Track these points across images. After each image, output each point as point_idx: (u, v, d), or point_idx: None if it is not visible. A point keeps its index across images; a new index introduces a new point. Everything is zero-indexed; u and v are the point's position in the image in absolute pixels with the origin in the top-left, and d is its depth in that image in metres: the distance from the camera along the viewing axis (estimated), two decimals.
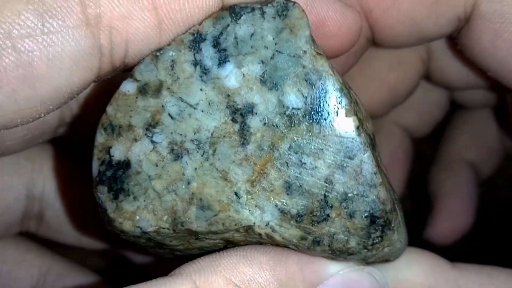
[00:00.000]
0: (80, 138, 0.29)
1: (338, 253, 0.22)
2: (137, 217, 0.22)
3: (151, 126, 0.22)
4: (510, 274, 0.25)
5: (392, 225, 0.22)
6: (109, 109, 0.22)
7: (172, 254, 0.25)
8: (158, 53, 0.22)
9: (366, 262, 0.23)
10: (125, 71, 0.23)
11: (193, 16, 0.22)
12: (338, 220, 0.21)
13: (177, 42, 0.22)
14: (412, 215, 0.36)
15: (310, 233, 0.22)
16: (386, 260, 0.24)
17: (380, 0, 0.28)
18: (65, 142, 0.29)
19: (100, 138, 0.22)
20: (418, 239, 0.29)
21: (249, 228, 0.22)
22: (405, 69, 0.35)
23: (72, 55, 0.20)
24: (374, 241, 0.22)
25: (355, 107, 0.22)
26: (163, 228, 0.22)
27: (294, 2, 0.22)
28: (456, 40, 0.30)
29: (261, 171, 0.22)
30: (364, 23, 0.29)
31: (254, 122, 0.22)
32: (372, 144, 0.23)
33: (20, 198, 0.29)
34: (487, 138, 0.40)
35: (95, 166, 0.22)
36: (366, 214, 0.21)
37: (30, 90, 0.19)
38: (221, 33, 0.22)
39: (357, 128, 0.21)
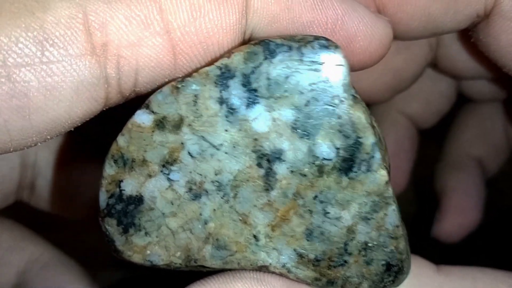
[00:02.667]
0: None
1: None
2: (148, 252, 0.21)
3: (168, 163, 0.20)
4: (496, 276, 0.26)
5: (405, 269, 0.22)
6: (121, 141, 0.20)
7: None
8: (179, 85, 0.20)
9: None
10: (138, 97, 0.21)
11: (212, 37, 0.20)
12: (355, 265, 0.22)
13: (202, 75, 0.20)
14: (418, 214, 0.37)
15: (325, 275, 0.22)
16: None
17: None
18: None
19: (110, 170, 0.21)
20: (425, 238, 0.29)
21: (265, 268, 0.22)
22: (412, 54, 0.33)
23: (73, 85, 0.18)
24: (386, 284, 0.22)
25: (386, 158, 0.21)
26: (175, 263, 0.22)
27: (336, 46, 0.20)
28: (471, 33, 0.29)
29: (283, 217, 0.21)
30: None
31: (281, 169, 0.20)
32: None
33: (15, 167, 0.29)
34: (494, 133, 0.39)
35: (103, 198, 0.21)
36: (383, 262, 0.22)
37: (24, 121, 0.18)
38: (253, 72, 0.20)
39: (386, 183, 0.21)
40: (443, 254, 0.27)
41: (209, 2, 0.19)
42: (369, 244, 0.21)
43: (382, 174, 0.20)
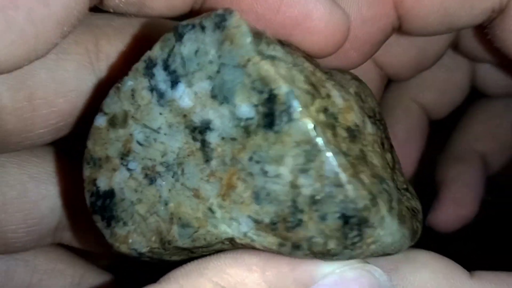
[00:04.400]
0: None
1: (321, 256, 0.22)
2: (130, 240, 0.24)
3: (124, 155, 0.23)
4: None
5: (371, 222, 0.21)
6: (89, 144, 0.24)
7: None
8: (119, 85, 0.23)
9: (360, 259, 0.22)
10: None
11: None
12: (312, 224, 0.21)
13: (133, 71, 0.23)
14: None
15: (287, 239, 0.21)
16: (385, 254, 0.23)
17: None
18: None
19: (86, 171, 0.24)
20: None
21: (232, 240, 0.22)
22: None
23: None
24: (354, 241, 0.21)
25: (315, 104, 0.21)
26: (154, 248, 0.23)
27: (232, 11, 0.21)
28: (487, 30, 0.29)
29: (229, 185, 0.22)
30: (392, 12, 0.28)
31: (212, 138, 0.22)
32: (356, 131, 0.22)
33: (55, 208, 0.28)
34: (502, 131, 0.39)
35: (87, 198, 0.24)
36: (337, 215, 0.21)
37: (44, 8, 0.19)
38: (169, 55, 0.22)
39: (314, 128, 0.20)
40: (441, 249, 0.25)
41: None
42: (317, 197, 0.21)
43: (304, 122, 0.20)
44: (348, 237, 0.21)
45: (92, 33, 0.23)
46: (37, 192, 0.28)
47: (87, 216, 0.26)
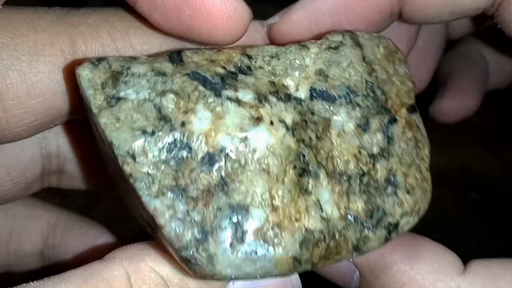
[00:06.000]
0: None
1: None
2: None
3: None
4: None
5: None
6: None
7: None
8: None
9: None
10: None
11: None
12: None
13: None
14: None
15: None
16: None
17: None
18: None
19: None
20: None
21: None
22: None
23: None
24: None
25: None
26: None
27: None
28: (495, 20, 0.27)
29: None
30: None
31: None
32: None
33: (36, 158, 0.30)
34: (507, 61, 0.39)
35: None
36: None
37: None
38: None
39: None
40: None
41: None
42: None
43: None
44: None
45: (67, 33, 0.23)
46: (14, 146, 0.29)
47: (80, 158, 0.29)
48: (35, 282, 0.21)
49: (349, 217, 0.23)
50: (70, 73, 0.23)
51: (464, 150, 0.61)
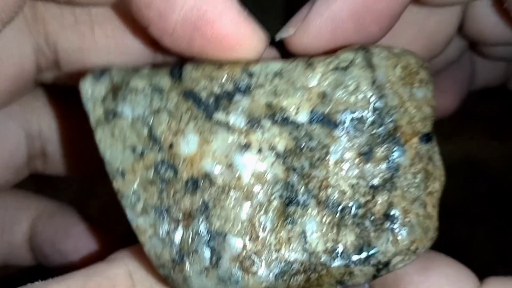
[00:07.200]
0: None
1: None
2: None
3: None
4: None
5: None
6: None
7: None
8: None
9: None
10: None
11: None
12: None
13: None
14: None
15: None
16: None
17: None
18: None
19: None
20: None
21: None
22: (444, 15, 0.30)
23: None
24: None
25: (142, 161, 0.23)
26: None
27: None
28: (506, 5, 0.26)
29: None
30: None
31: None
32: None
33: (21, 141, 0.30)
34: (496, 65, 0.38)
35: None
36: None
37: None
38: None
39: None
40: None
41: None
42: None
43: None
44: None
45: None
46: (0, 131, 0.29)
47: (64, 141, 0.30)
48: (39, 281, 0.21)
49: (336, 250, 0.22)
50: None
51: (468, 140, 0.59)
